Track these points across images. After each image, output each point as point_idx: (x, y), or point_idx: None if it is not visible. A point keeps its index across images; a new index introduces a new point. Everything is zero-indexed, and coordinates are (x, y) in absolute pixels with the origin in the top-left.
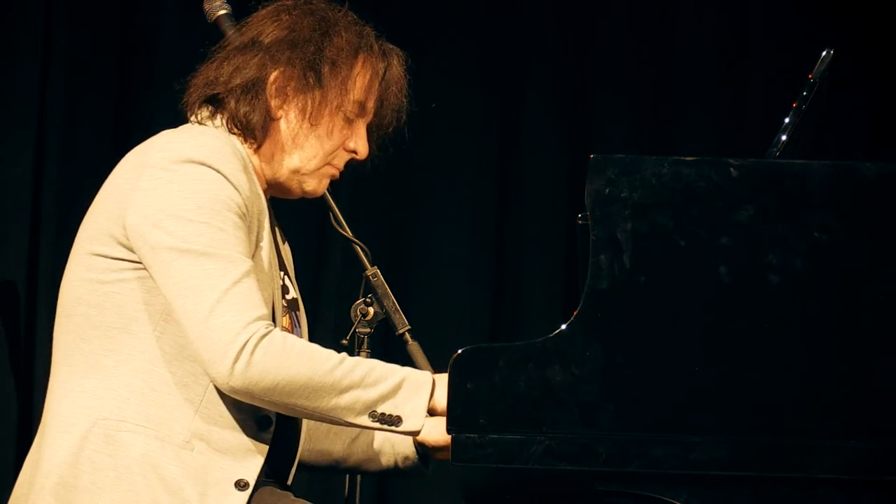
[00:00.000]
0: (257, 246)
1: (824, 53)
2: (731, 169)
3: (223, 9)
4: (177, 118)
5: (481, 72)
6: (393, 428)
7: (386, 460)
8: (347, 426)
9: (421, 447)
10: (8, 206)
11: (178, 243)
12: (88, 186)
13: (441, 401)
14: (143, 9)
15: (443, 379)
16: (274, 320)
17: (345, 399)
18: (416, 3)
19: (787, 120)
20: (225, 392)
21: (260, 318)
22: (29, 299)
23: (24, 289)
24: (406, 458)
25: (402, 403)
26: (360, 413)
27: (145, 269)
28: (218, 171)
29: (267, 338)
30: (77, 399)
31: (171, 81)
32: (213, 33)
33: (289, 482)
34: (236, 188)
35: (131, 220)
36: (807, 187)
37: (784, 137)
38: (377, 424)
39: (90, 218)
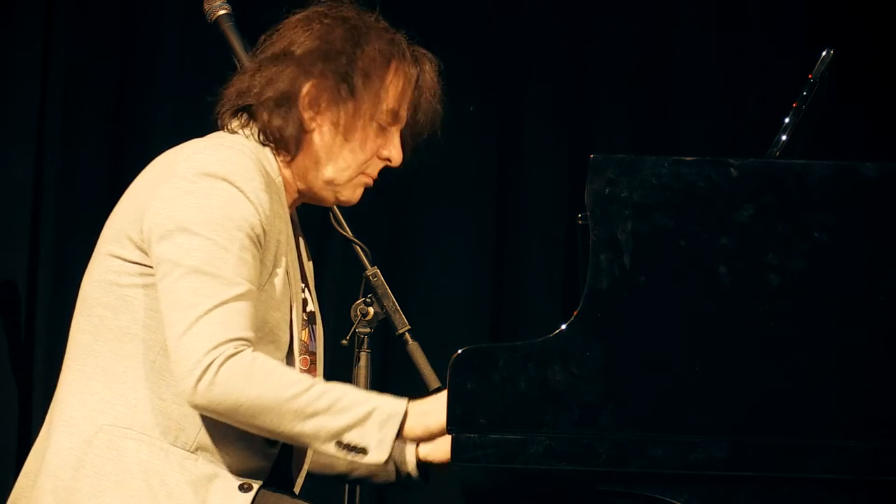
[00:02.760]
0: (274, 267)
1: (824, 53)
2: (731, 169)
3: (223, 9)
4: (176, 120)
5: (481, 72)
6: (359, 458)
7: (386, 476)
8: (316, 451)
9: (423, 465)
10: (8, 207)
11: (179, 256)
12: (89, 187)
13: (414, 429)
14: (143, 9)
15: (417, 406)
16: (291, 335)
17: (309, 426)
18: (415, 4)
19: (787, 120)
20: (193, 409)
21: (234, 340)
22: (29, 299)
23: (24, 289)
24: (408, 475)
25: (368, 434)
26: (325, 441)
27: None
28: (238, 189)
29: (234, 358)
30: (84, 401)
31: (171, 82)
32: (213, 33)
33: (296, 490)
34: (255, 207)
35: (146, 225)
36: (807, 187)
37: (784, 137)
38: (343, 453)
39: (114, 218)
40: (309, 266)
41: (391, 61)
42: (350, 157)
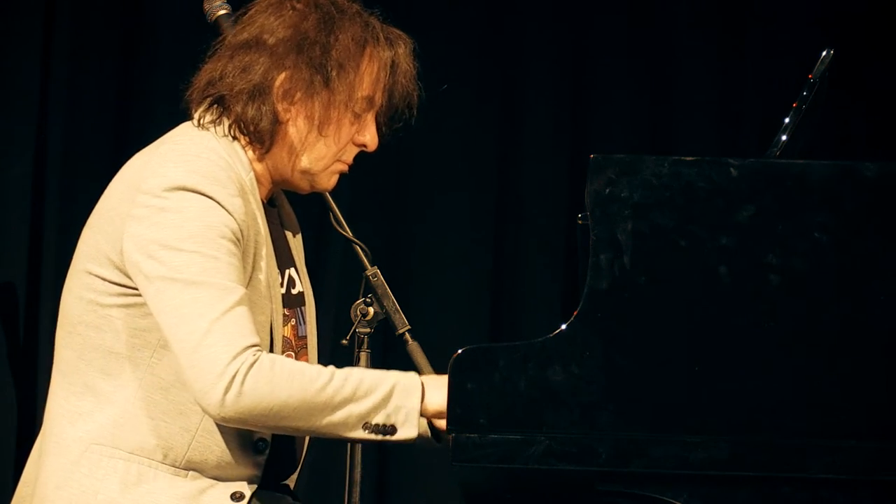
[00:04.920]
0: (255, 269)
1: (824, 53)
2: (731, 169)
3: (223, 9)
4: (176, 120)
5: (481, 72)
6: (388, 437)
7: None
8: (343, 440)
9: (433, 427)
10: (8, 207)
11: (171, 273)
12: (89, 187)
13: (432, 404)
14: (144, 9)
15: (432, 380)
16: (272, 337)
17: (338, 415)
18: (414, 3)
19: (787, 120)
20: (217, 422)
21: (249, 347)
22: (29, 300)
23: (24, 289)
24: (421, 436)
25: (394, 412)
26: (354, 427)
27: (141, 295)
28: (211, 198)
29: (255, 366)
30: (72, 420)
31: (171, 82)
32: (212, 33)
33: (290, 484)
34: (230, 213)
35: (126, 247)
36: (807, 187)
37: (784, 137)
38: (372, 436)
39: (89, 232)
40: (297, 242)
41: (365, 47)
42: (325, 147)
